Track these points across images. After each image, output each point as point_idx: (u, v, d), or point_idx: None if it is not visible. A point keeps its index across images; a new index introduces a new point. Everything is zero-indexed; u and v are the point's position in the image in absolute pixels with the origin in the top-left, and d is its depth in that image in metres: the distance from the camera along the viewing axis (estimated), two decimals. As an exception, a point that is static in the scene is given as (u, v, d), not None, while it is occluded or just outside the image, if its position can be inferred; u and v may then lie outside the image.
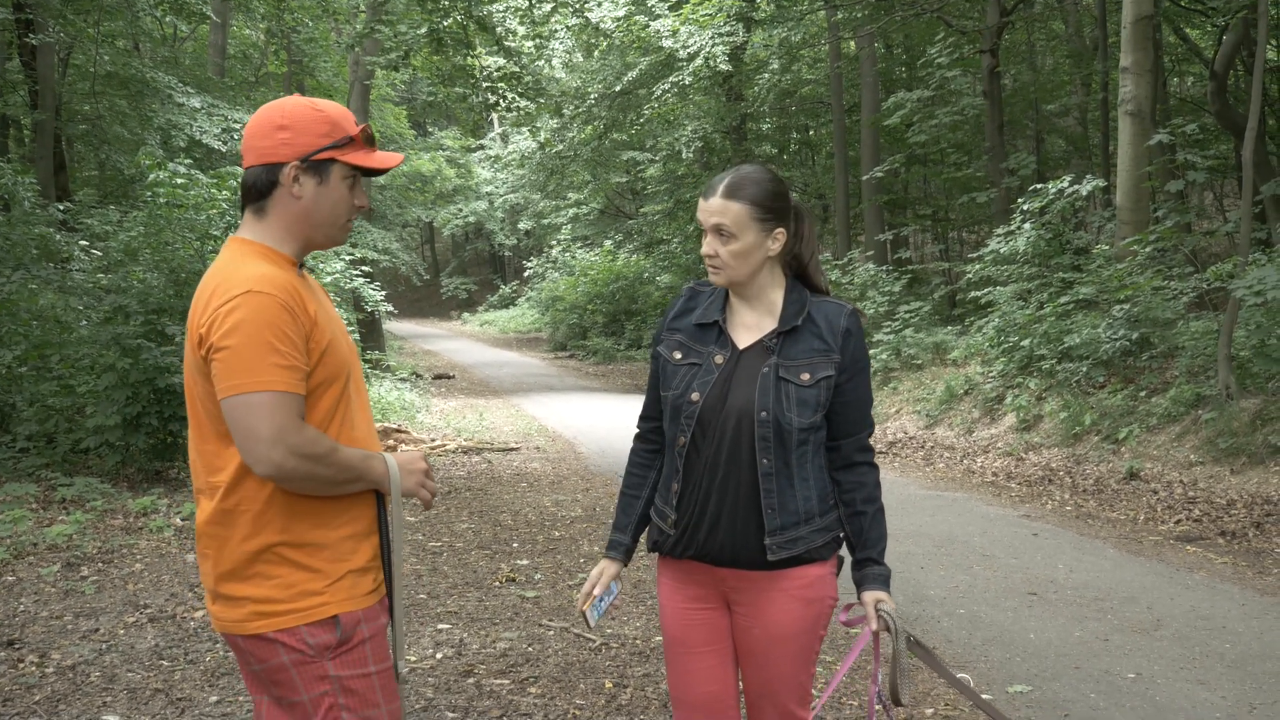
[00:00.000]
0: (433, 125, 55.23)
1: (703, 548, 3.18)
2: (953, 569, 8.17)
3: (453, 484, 11.95)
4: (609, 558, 3.38)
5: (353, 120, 2.83)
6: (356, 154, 2.81)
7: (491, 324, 45.80)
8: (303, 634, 2.71)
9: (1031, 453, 12.70)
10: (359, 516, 2.82)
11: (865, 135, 23.48)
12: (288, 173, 2.74)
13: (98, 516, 9.32)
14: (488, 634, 6.56)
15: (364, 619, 2.78)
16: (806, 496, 3.16)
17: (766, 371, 3.13)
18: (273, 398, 2.59)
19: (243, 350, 2.59)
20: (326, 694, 2.74)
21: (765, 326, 3.21)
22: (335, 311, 2.92)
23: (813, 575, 3.20)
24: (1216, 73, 16.56)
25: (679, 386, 3.20)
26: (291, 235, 2.81)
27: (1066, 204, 15.66)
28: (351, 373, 2.85)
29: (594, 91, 28.45)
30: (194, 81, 21.24)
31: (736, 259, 3.15)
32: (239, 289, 2.63)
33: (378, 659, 2.81)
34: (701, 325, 3.25)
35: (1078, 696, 5.55)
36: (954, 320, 19.12)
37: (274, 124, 2.74)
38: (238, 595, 2.74)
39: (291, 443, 2.60)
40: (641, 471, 3.39)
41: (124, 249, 12.45)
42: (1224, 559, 8.35)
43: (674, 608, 3.31)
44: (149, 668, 5.89)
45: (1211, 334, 12.08)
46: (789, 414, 3.10)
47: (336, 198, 2.81)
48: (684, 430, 3.18)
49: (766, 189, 3.15)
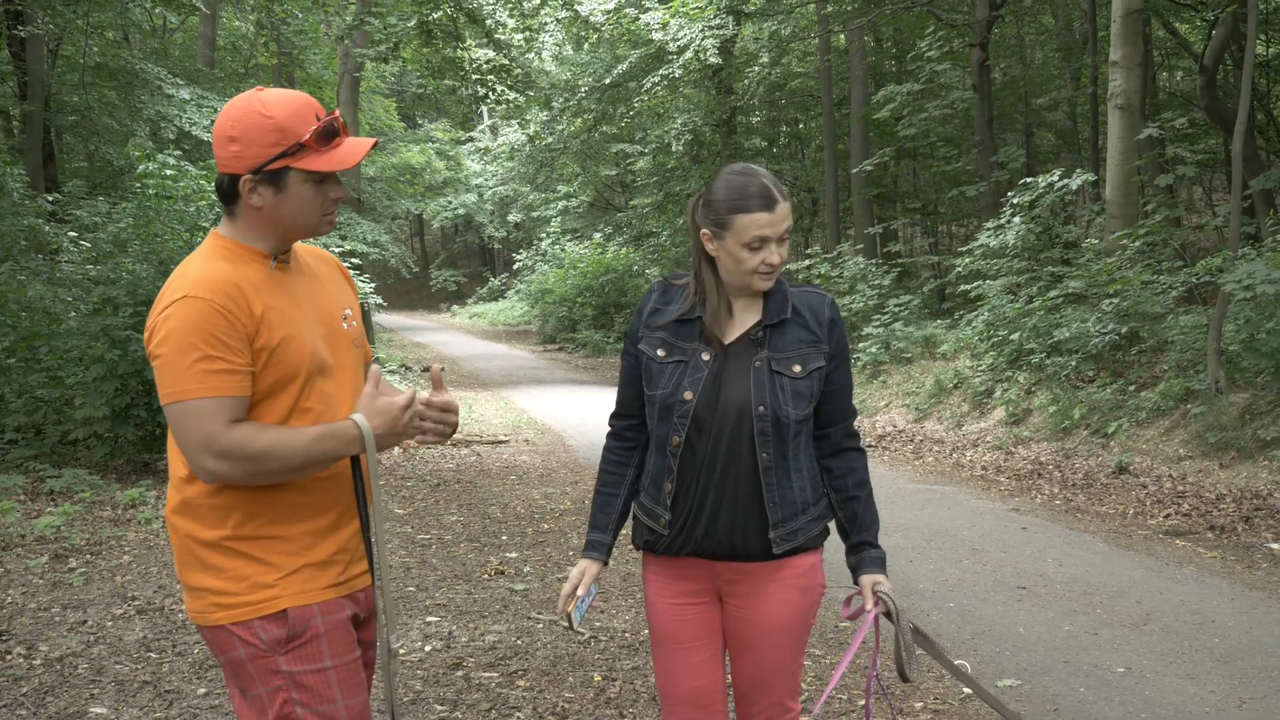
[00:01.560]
0: (422, 117, 55.19)
1: (700, 544, 3.16)
2: (942, 563, 8.17)
3: (442, 476, 11.94)
4: (590, 558, 3.33)
5: (310, 116, 2.73)
6: (310, 158, 2.72)
7: (481, 316, 45.74)
8: (256, 628, 2.71)
9: (1021, 447, 12.71)
10: (327, 509, 2.81)
11: (855, 129, 23.48)
12: (243, 184, 2.71)
13: (86, 508, 9.30)
14: (476, 627, 6.55)
15: (319, 613, 2.76)
16: (802, 487, 3.17)
17: (759, 366, 3.12)
18: (199, 405, 2.60)
19: (172, 358, 2.61)
20: (280, 689, 2.73)
21: (749, 320, 3.18)
22: (323, 303, 2.89)
23: (807, 564, 3.21)
24: (1206, 67, 16.55)
25: (668, 385, 3.16)
26: (263, 235, 2.79)
27: (1056, 198, 15.68)
28: (325, 367, 2.80)
29: (584, 84, 28.44)
30: (183, 73, 21.19)
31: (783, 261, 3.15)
32: (176, 295, 2.64)
33: (335, 653, 2.78)
34: (683, 321, 3.21)
35: (1067, 690, 5.55)
36: (943, 314, 19.13)
37: (225, 135, 2.70)
38: (198, 586, 2.75)
39: (219, 448, 2.60)
40: (618, 470, 3.34)
41: (113, 240, 12.43)
42: (1213, 553, 8.36)
43: (664, 604, 3.29)
44: (137, 660, 5.87)
45: (1200, 328, 12.09)
46: (786, 407, 3.10)
47: (299, 202, 2.75)
48: (678, 429, 3.14)
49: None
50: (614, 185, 40.13)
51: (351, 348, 2.94)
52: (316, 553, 2.78)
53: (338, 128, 2.79)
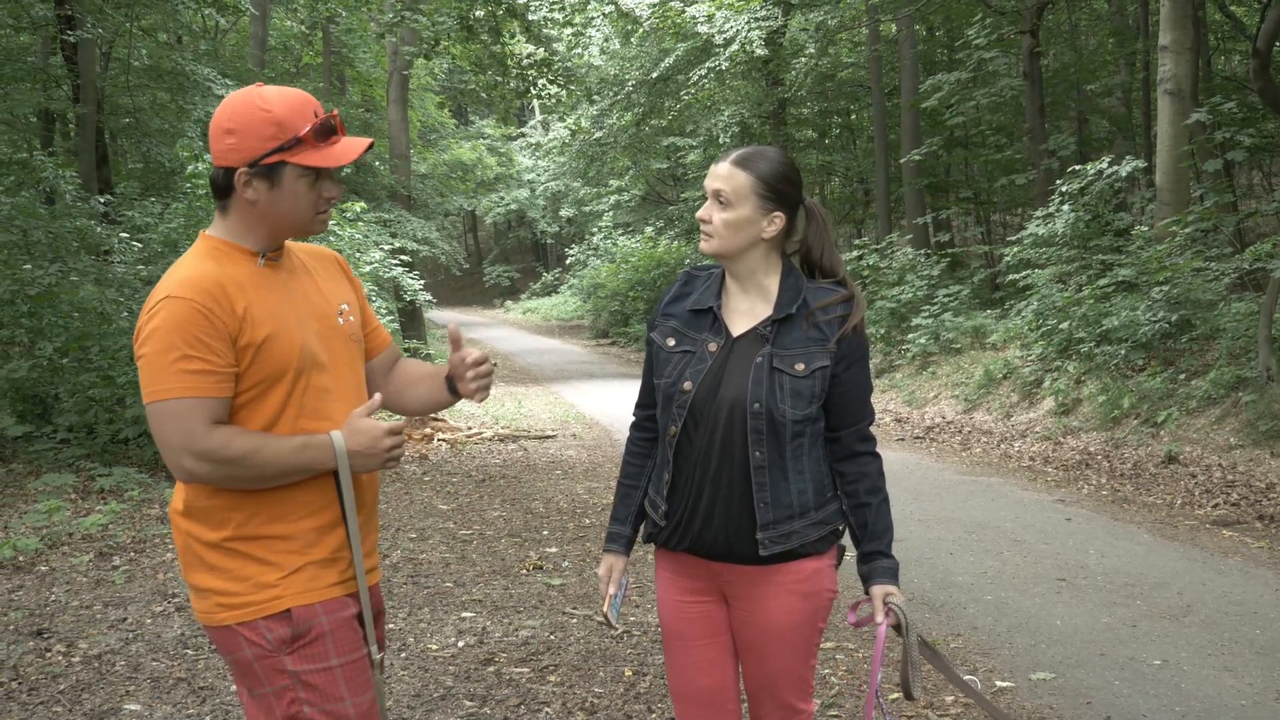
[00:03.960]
0: (474, 114, 55.38)
1: (696, 541, 3.14)
2: (982, 554, 8.11)
3: (487, 472, 11.98)
4: (611, 551, 3.34)
5: (309, 113, 2.74)
6: (306, 153, 2.73)
7: (534, 312, 45.89)
8: (261, 628, 2.73)
9: (1070, 437, 12.58)
10: (327, 506, 2.81)
11: (905, 118, 23.29)
12: (238, 177, 2.72)
13: (134, 506, 9.42)
14: (511, 622, 6.57)
15: (323, 611, 2.77)
16: (801, 490, 3.09)
17: (760, 361, 3.07)
18: (178, 405, 2.62)
19: (153, 358, 2.63)
20: (287, 688, 2.75)
21: (760, 313, 3.14)
22: (316, 299, 2.89)
23: (809, 569, 3.14)
24: (1259, 50, 16.30)
25: (671, 375, 3.14)
26: (254, 231, 2.80)
27: (1106, 185, 15.49)
28: (317, 362, 2.81)
29: (631, 78, 28.43)
30: (234, 74, 21.36)
31: (728, 228, 3.09)
32: (159, 295, 2.67)
33: (342, 651, 2.79)
34: (696, 311, 3.19)
35: (1101, 684, 5.49)
36: (994, 304, 18.97)
37: (222, 127, 2.71)
38: (203, 586, 2.77)
39: (197, 449, 2.62)
40: (639, 461, 3.33)
41: (164, 240, 12.57)
42: (1260, 543, 8.25)
43: (671, 600, 3.27)
44: (173, 657, 5.94)
45: (1252, 315, 11.92)
46: (782, 405, 3.04)
47: (294, 197, 2.76)
48: (675, 420, 3.12)
49: (776, 169, 3.10)
50: (665, 179, 40.08)
51: (348, 343, 2.94)
52: (319, 550, 2.79)
53: (335, 125, 2.80)
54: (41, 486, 9.64)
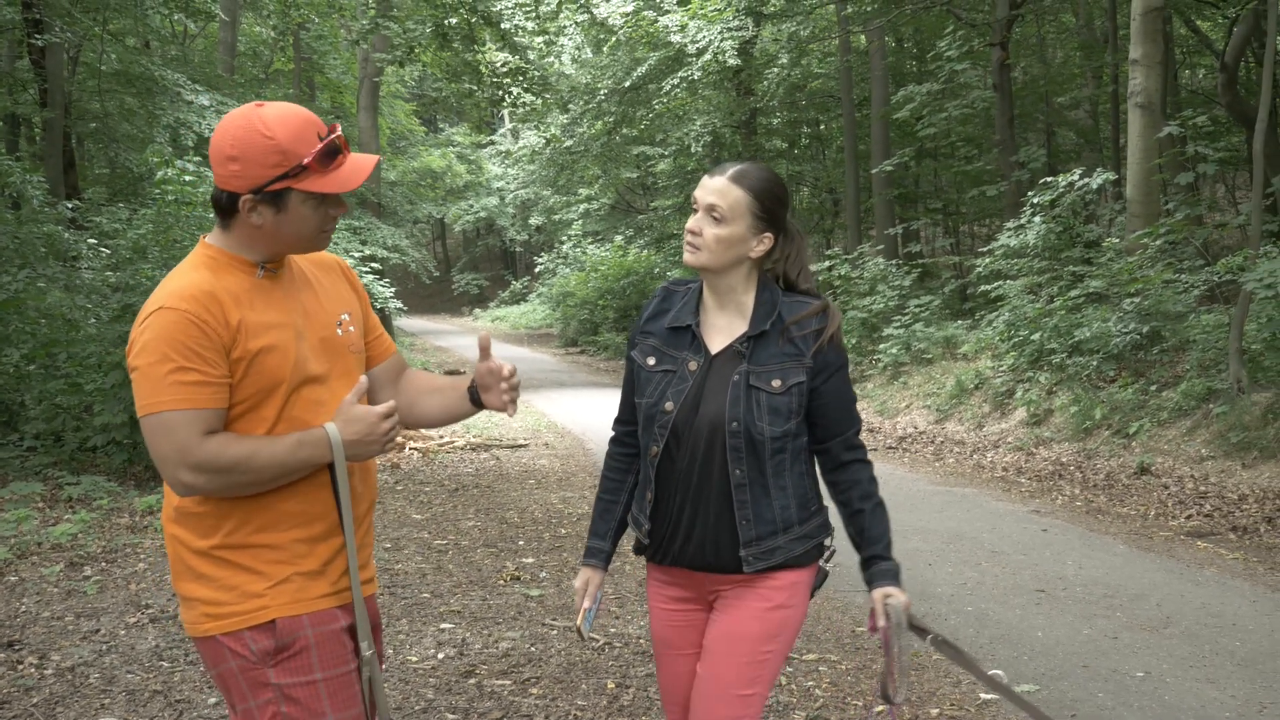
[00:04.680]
0: (444, 121, 55.27)
1: (678, 557, 3.14)
2: (961, 565, 8.11)
3: (460, 481, 11.92)
4: (589, 565, 3.31)
5: (312, 136, 2.68)
6: (312, 180, 2.67)
7: (503, 320, 45.80)
8: (246, 638, 2.68)
9: (1042, 447, 12.62)
10: (320, 516, 2.77)
11: (875, 129, 23.40)
12: (243, 203, 2.67)
13: (103, 515, 9.30)
14: (490, 633, 6.52)
15: (309, 624, 2.72)
16: (784, 506, 3.08)
17: (737, 379, 3.05)
18: (173, 417, 2.57)
19: (147, 370, 2.59)
20: (270, 701, 2.70)
21: (736, 329, 3.12)
22: (315, 311, 2.84)
23: (787, 580, 3.12)
24: (1227, 64, 16.47)
25: (653, 395, 3.13)
26: (255, 248, 2.75)
27: (1076, 197, 15.59)
28: (312, 375, 2.77)
29: (603, 87, 28.43)
30: (203, 79, 21.22)
31: (719, 244, 3.06)
32: (153, 306, 2.62)
33: (326, 665, 2.74)
34: (675, 329, 3.17)
35: (1085, 695, 5.49)
36: (965, 314, 19.05)
37: (224, 154, 2.65)
38: (190, 595, 2.73)
39: (193, 460, 2.57)
40: (619, 476, 3.32)
41: (132, 247, 12.43)
42: (1235, 555, 8.28)
43: (660, 609, 3.28)
44: (149, 669, 5.86)
45: (1222, 327, 12.00)
46: (760, 423, 3.02)
47: (299, 220, 2.71)
48: (656, 440, 3.11)
49: (771, 189, 3.09)
50: (635, 188, 40.08)
51: (347, 354, 2.89)
52: (309, 561, 2.74)
53: (340, 146, 2.73)
54: (9, 495, 9.52)
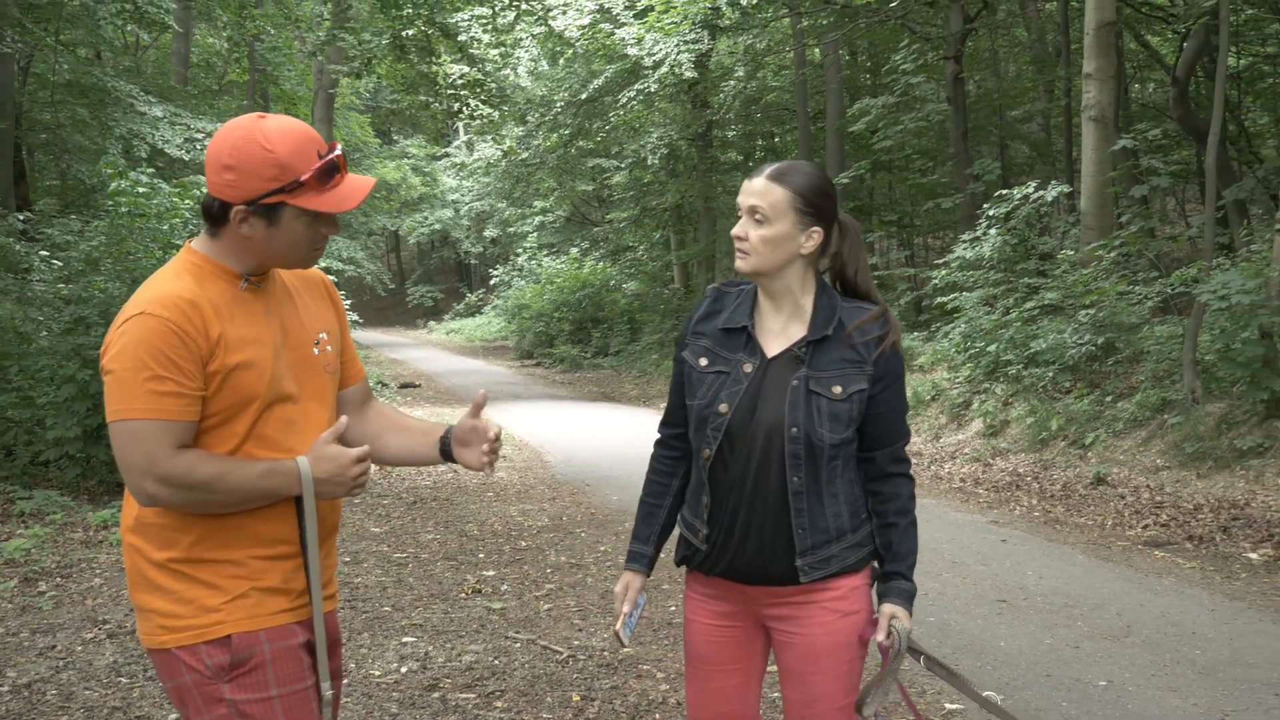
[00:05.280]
0: (398, 133, 55.12)
1: (732, 564, 3.07)
2: (922, 576, 8.10)
3: (418, 494, 11.86)
4: (632, 570, 3.25)
5: (312, 153, 2.64)
6: (307, 197, 2.64)
7: (458, 332, 45.63)
8: (201, 653, 2.64)
9: (999, 458, 12.69)
10: (282, 540, 2.74)
11: (830, 142, 23.50)
12: (235, 214, 2.63)
13: (57, 530, 9.18)
14: (453, 647, 6.48)
15: (266, 639, 2.69)
16: (837, 514, 3.03)
17: (796, 384, 2.99)
18: (145, 426, 2.54)
19: (122, 376, 2.55)
20: (224, 717, 2.66)
21: (794, 333, 3.07)
22: (294, 328, 2.81)
23: (847, 586, 3.07)
24: (1178, 78, 16.64)
25: (705, 396, 3.06)
26: (242, 259, 2.71)
27: (1031, 210, 15.71)
28: (285, 395, 2.73)
29: (560, 99, 28.43)
30: (156, 90, 21.03)
31: (766, 245, 3.00)
32: (133, 311, 2.58)
33: (282, 682, 2.70)
34: (729, 330, 3.10)
35: (1049, 705, 5.51)
36: (920, 326, 19.14)
37: (221, 162, 2.61)
38: (147, 607, 2.69)
39: (161, 473, 2.54)
40: (663, 480, 3.26)
41: (85, 259, 12.30)
42: (1192, 564, 8.35)
43: (702, 624, 3.20)
44: (107, 685, 5.78)
45: (1176, 339, 12.11)
46: (821, 430, 2.96)
47: (291, 237, 2.68)
48: (709, 443, 3.04)
49: (814, 183, 3.04)
50: (590, 200, 40.13)
51: (321, 375, 2.86)
52: (269, 577, 2.71)
53: (339, 165, 2.70)
54: (-40, 510, 9.39)
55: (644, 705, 5.51)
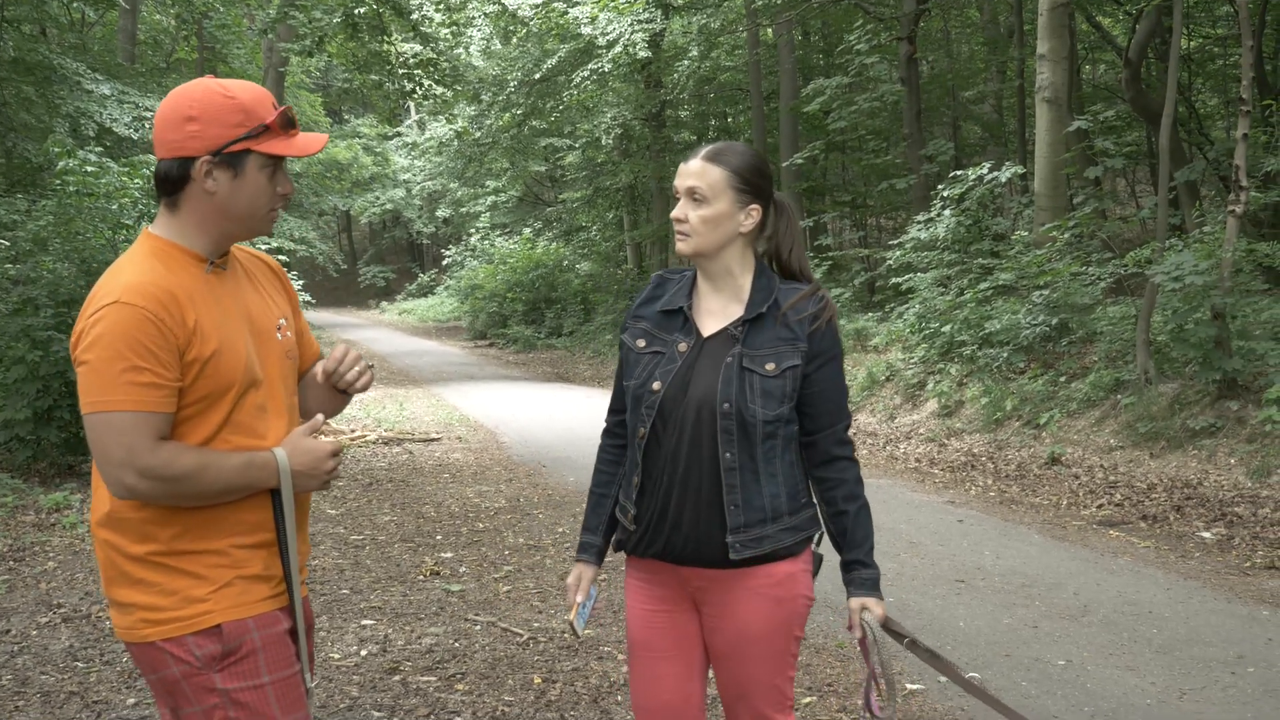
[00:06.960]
0: (349, 112, 54.72)
1: (665, 545, 3.06)
2: (880, 557, 8.00)
3: (374, 475, 11.79)
4: (582, 560, 3.26)
5: (270, 102, 2.66)
6: (273, 142, 2.63)
7: (410, 313, 45.39)
8: (189, 644, 2.60)
9: (954, 439, 12.76)
10: (260, 526, 2.70)
11: (784, 122, 23.52)
12: (199, 167, 2.59)
13: (8, 513, 9.07)
14: (413, 629, 6.44)
15: (255, 627, 2.66)
16: (774, 494, 3.03)
17: (730, 361, 3.01)
18: (124, 418, 2.49)
19: (99, 366, 2.50)
20: (216, 707, 2.62)
21: (732, 313, 3.09)
22: (258, 312, 2.77)
23: (782, 573, 3.07)
24: (1130, 60, 16.74)
25: (641, 375, 3.08)
26: (206, 230, 2.67)
27: (985, 191, 15.78)
28: (256, 380, 2.70)
29: (513, 79, 28.29)
30: (104, 68, 20.73)
31: (706, 225, 3.04)
32: (107, 299, 2.52)
33: (273, 668, 2.67)
34: (667, 312, 3.13)
35: (1010, 685, 5.54)
36: (874, 307, 19.20)
37: (182, 115, 2.58)
38: (126, 601, 2.64)
39: (141, 465, 2.49)
40: (610, 469, 3.27)
41: (33, 239, 12.12)
42: (1146, 543, 8.43)
43: (639, 609, 3.20)
44: (63, 670, 5.71)
45: (1129, 319, 12.22)
46: (753, 405, 2.97)
47: (255, 189, 2.65)
48: (644, 421, 3.05)
49: (750, 162, 3.08)
50: (543, 180, 39.99)
51: (283, 360, 2.82)
52: (252, 565, 2.68)
53: (293, 118, 2.71)
54: (-92, 494, 9.25)
55: (605, 687, 5.50)
